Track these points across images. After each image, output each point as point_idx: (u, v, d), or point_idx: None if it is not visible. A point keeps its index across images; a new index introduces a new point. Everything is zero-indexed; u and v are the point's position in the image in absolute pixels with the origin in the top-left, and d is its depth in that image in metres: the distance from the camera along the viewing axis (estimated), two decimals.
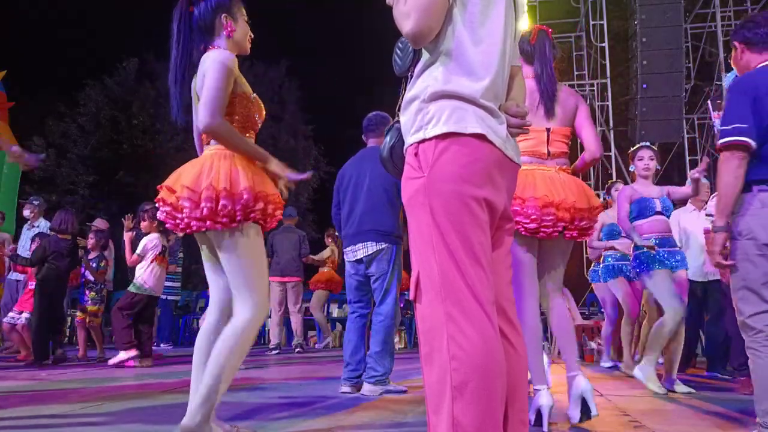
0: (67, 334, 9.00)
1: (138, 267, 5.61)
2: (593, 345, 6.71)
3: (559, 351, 2.79)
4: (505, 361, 1.23)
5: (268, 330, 7.80)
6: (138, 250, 5.61)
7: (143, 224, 5.76)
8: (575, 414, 2.53)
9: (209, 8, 2.21)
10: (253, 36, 2.30)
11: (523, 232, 2.61)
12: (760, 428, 2.12)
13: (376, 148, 3.80)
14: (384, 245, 3.61)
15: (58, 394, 3.44)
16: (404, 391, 3.55)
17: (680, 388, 3.72)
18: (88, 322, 6.03)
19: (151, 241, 5.63)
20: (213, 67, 2.07)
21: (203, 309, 8.84)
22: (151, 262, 5.55)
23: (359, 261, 3.68)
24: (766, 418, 2.08)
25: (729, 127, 2.18)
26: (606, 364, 5.47)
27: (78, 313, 6.13)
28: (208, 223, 2.03)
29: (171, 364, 5.66)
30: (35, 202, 6.67)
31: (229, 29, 2.22)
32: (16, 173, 8.28)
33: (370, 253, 3.63)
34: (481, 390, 1.16)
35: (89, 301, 6.09)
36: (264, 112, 2.25)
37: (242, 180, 2.06)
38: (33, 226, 6.54)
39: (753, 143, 2.14)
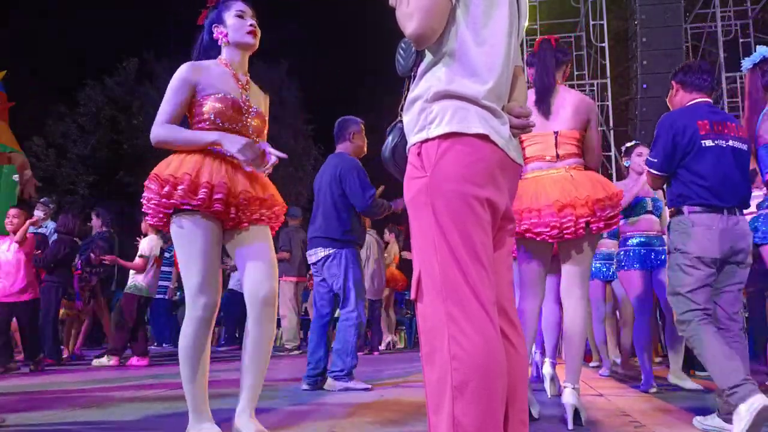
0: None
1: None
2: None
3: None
4: (506, 361, 1.23)
5: (281, 332, 7.81)
6: (146, 252, 5.62)
7: (143, 225, 5.79)
8: (568, 420, 2.57)
9: (206, 30, 2.31)
10: (251, 24, 2.24)
11: (549, 240, 2.63)
12: (726, 401, 2.32)
13: (336, 154, 4.00)
14: (331, 250, 3.78)
15: (58, 395, 3.44)
16: (368, 389, 3.64)
17: (688, 384, 3.77)
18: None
19: (150, 242, 5.65)
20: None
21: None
22: (153, 264, 5.58)
23: (315, 264, 3.89)
24: (725, 389, 2.31)
25: (649, 158, 2.70)
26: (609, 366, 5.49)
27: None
28: (151, 218, 2.12)
29: (172, 364, 5.66)
30: (51, 205, 6.67)
31: (221, 37, 2.26)
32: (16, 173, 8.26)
33: (319, 258, 3.82)
34: (482, 390, 1.16)
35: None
36: (231, 110, 2.14)
37: (157, 169, 2.07)
38: (40, 227, 6.54)
39: (661, 173, 2.65)
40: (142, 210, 2.13)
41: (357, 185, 3.76)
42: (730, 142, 2.56)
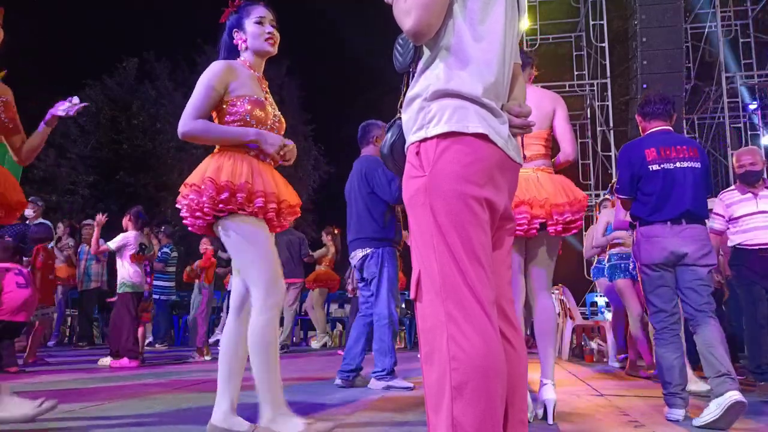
0: (68, 333, 9.03)
1: (120, 267, 5.59)
2: (593, 345, 6.71)
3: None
4: (505, 361, 1.22)
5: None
6: (112, 244, 5.58)
7: (124, 221, 5.78)
8: (539, 412, 2.66)
9: (227, 32, 2.35)
10: (270, 32, 2.29)
11: None
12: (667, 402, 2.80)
13: (360, 158, 4.08)
14: (369, 250, 3.87)
15: (57, 395, 3.44)
16: (410, 388, 3.69)
17: (695, 386, 3.73)
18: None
19: (127, 238, 5.62)
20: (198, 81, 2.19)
21: (218, 309, 8.85)
22: (133, 261, 5.54)
23: (357, 268, 3.97)
24: (668, 389, 2.79)
25: (616, 185, 3.15)
26: (615, 364, 5.48)
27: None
28: (188, 219, 2.15)
29: (171, 364, 5.67)
30: (39, 203, 6.70)
31: (240, 42, 2.31)
32: (16, 173, 8.28)
33: (359, 258, 3.91)
34: (481, 390, 1.15)
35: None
36: (263, 113, 2.23)
37: (211, 172, 2.10)
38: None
39: (625, 196, 3.09)
40: (182, 211, 2.16)
41: (383, 179, 3.83)
42: (677, 164, 2.95)
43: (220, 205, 2.07)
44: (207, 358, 5.98)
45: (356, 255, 3.92)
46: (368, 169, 3.90)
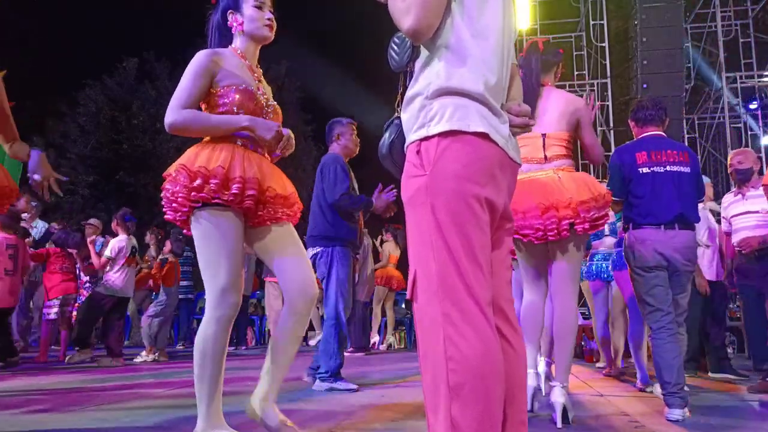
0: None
1: (108, 269, 5.58)
2: (594, 345, 6.71)
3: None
4: (504, 362, 1.22)
5: (268, 330, 7.80)
6: (107, 252, 5.58)
7: (113, 225, 5.77)
8: (557, 419, 2.59)
9: (220, 13, 2.23)
10: (269, 18, 2.18)
11: (535, 242, 2.68)
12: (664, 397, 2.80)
13: (326, 155, 3.99)
14: (318, 249, 3.78)
15: (57, 396, 3.44)
16: (354, 390, 3.62)
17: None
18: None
19: (119, 242, 5.61)
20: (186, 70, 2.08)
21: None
22: (123, 264, 5.53)
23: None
24: (667, 389, 2.77)
25: (607, 188, 3.07)
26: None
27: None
28: (169, 213, 2.03)
29: (170, 364, 5.66)
30: (33, 204, 6.69)
31: (235, 25, 2.19)
32: (15, 173, 8.26)
33: (310, 257, 3.75)
34: (479, 391, 1.15)
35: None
36: (253, 103, 2.10)
37: (184, 160, 1.98)
38: (31, 227, 6.57)
39: (615, 199, 3.01)
40: (162, 203, 2.04)
41: (331, 178, 3.74)
42: (668, 167, 2.97)
43: (193, 194, 1.93)
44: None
45: (308, 253, 3.75)
46: (324, 166, 3.81)
